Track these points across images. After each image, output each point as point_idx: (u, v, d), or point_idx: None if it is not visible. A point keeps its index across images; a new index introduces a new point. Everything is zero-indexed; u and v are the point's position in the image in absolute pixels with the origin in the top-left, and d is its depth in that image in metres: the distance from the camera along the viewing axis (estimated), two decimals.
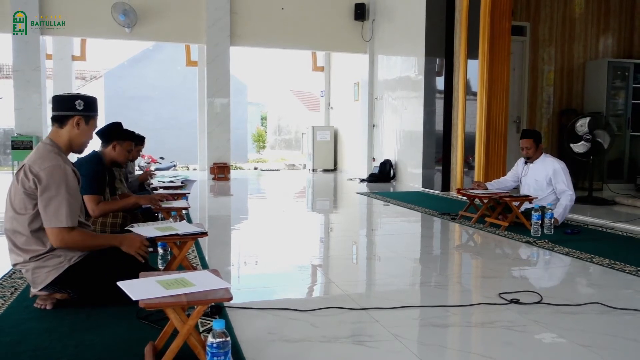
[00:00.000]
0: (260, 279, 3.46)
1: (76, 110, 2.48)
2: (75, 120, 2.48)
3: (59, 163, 2.40)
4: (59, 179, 2.37)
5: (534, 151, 4.99)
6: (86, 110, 2.51)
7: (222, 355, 1.64)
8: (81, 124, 2.50)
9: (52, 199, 2.35)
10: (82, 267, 2.46)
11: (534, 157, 5.02)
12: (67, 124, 2.49)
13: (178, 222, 3.17)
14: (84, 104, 2.50)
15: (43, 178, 2.35)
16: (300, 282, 3.36)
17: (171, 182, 6.28)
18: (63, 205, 2.35)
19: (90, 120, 2.55)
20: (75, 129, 2.49)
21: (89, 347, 2.11)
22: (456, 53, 7.67)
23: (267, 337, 2.26)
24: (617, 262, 3.57)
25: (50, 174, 2.36)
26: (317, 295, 3.06)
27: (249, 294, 3.03)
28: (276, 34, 10.41)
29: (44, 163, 2.38)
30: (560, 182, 4.84)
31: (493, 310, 2.63)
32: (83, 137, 2.54)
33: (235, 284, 3.22)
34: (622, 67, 8.41)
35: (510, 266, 3.70)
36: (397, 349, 2.15)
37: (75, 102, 2.49)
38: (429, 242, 4.79)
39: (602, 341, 2.25)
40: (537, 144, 4.99)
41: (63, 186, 2.37)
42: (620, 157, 8.42)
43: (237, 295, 2.95)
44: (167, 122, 22.06)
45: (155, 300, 1.75)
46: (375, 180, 9.64)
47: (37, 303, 2.54)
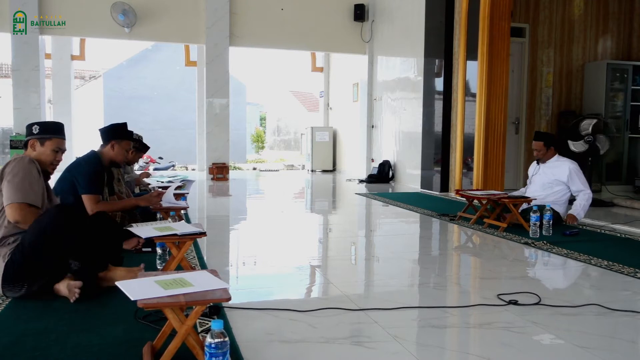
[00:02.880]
0: (259, 279, 3.46)
1: (32, 134, 2.86)
2: (30, 143, 2.86)
3: (24, 160, 2.75)
4: (20, 168, 2.70)
5: (544, 153, 5.07)
6: (40, 134, 2.85)
7: (221, 356, 1.63)
8: (36, 145, 2.85)
9: (12, 179, 2.66)
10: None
11: (545, 158, 5.10)
12: (28, 146, 2.88)
13: (176, 222, 3.17)
14: (39, 128, 2.87)
15: (7, 168, 2.72)
16: (298, 283, 3.36)
17: (170, 182, 6.28)
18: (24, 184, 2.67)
19: (46, 142, 2.85)
20: (31, 150, 2.86)
21: (87, 347, 2.10)
22: (455, 54, 7.67)
23: (266, 337, 2.26)
24: (615, 264, 3.57)
25: (12, 164, 2.72)
26: (315, 296, 3.05)
27: (247, 295, 3.02)
28: (275, 35, 10.41)
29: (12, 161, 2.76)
30: (577, 182, 4.97)
31: (491, 312, 2.63)
32: (41, 157, 2.85)
33: (233, 285, 3.21)
34: (621, 69, 8.42)
35: (509, 267, 3.69)
36: (395, 349, 2.15)
37: (32, 127, 2.88)
38: (428, 243, 4.79)
39: (600, 343, 2.25)
40: (548, 147, 5.06)
41: (26, 173, 2.69)
42: (618, 159, 8.43)
43: (235, 295, 2.94)
44: (166, 123, 22.03)
45: (154, 300, 1.75)
46: (374, 181, 9.64)
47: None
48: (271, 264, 3.85)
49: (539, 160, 5.17)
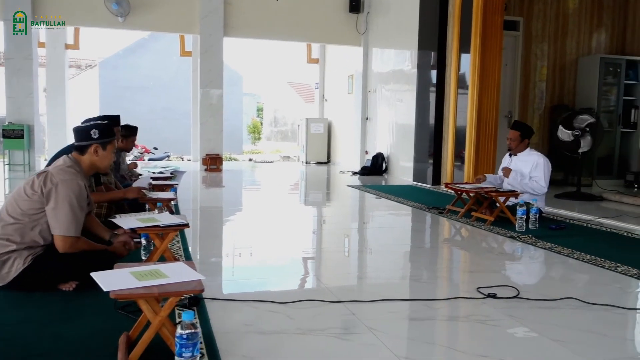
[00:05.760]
0: (244, 271, 3.48)
1: (92, 139, 2.67)
2: (93, 149, 2.68)
3: (75, 182, 2.59)
4: (71, 192, 2.54)
5: (517, 144, 5.01)
6: (101, 138, 2.69)
7: (191, 347, 1.66)
8: (99, 151, 2.70)
9: (64, 204, 2.52)
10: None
11: (517, 150, 5.05)
12: (86, 152, 2.69)
13: (160, 214, 3.18)
14: (99, 132, 2.68)
15: (58, 187, 2.54)
16: (282, 275, 3.38)
17: (161, 172, 6.30)
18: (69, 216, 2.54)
19: (108, 145, 2.72)
20: (94, 155, 2.70)
21: (65, 338, 2.12)
22: (449, 47, 7.66)
23: (243, 328, 2.29)
24: (597, 258, 3.60)
25: (63, 185, 2.55)
26: (297, 288, 3.07)
27: (230, 286, 3.05)
28: (270, 26, 10.36)
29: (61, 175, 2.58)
30: (540, 173, 4.88)
31: (470, 305, 2.66)
32: (104, 162, 2.74)
33: (217, 276, 3.24)
34: (614, 64, 8.42)
35: (492, 261, 3.72)
36: (370, 341, 2.17)
37: (90, 131, 2.67)
38: (415, 236, 4.82)
39: (574, 336, 2.28)
40: (524, 138, 5.01)
41: (79, 199, 2.58)
42: (610, 154, 8.45)
43: (218, 287, 2.98)
44: (162, 113, 21.98)
45: (126, 291, 1.77)
46: (367, 173, 9.65)
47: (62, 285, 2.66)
48: (257, 255, 3.87)
49: (511, 152, 5.13)
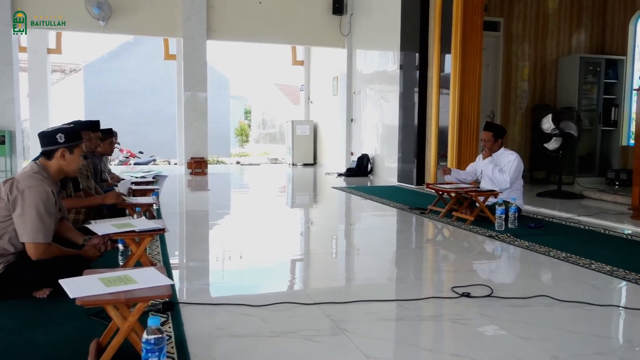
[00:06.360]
0: (223, 275, 3.49)
1: (58, 143, 2.64)
2: (60, 153, 2.65)
3: (41, 188, 2.55)
4: (38, 199, 2.52)
5: (492, 144, 5.07)
6: (68, 142, 2.65)
7: (157, 352, 1.66)
8: (66, 155, 2.66)
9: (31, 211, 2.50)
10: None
11: (492, 150, 5.10)
12: (53, 157, 2.65)
13: (136, 219, 3.18)
14: (65, 136, 2.65)
15: (23, 194, 2.52)
16: (262, 278, 3.38)
17: (143, 177, 6.26)
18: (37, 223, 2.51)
19: (75, 149, 2.69)
20: (61, 160, 2.66)
21: (36, 345, 2.12)
22: (431, 47, 7.72)
23: (216, 332, 2.29)
24: (573, 255, 3.65)
25: (29, 193, 2.52)
26: (273, 290, 3.08)
27: (207, 290, 3.06)
28: (253, 28, 10.35)
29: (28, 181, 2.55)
30: (507, 169, 4.93)
31: (443, 304, 2.69)
32: (71, 166, 2.71)
33: (196, 280, 3.24)
34: (593, 63, 8.54)
35: (469, 260, 3.76)
36: (342, 343, 2.19)
37: (56, 135, 2.64)
38: (395, 237, 4.85)
39: (543, 333, 2.32)
40: (497, 138, 5.07)
41: (46, 205, 2.54)
42: (591, 152, 8.56)
43: (195, 291, 2.98)
44: (148, 116, 21.83)
45: (93, 298, 1.77)
46: (352, 175, 9.68)
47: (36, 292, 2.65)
48: (239, 259, 3.87)
49: (483, 155, 5.17)
